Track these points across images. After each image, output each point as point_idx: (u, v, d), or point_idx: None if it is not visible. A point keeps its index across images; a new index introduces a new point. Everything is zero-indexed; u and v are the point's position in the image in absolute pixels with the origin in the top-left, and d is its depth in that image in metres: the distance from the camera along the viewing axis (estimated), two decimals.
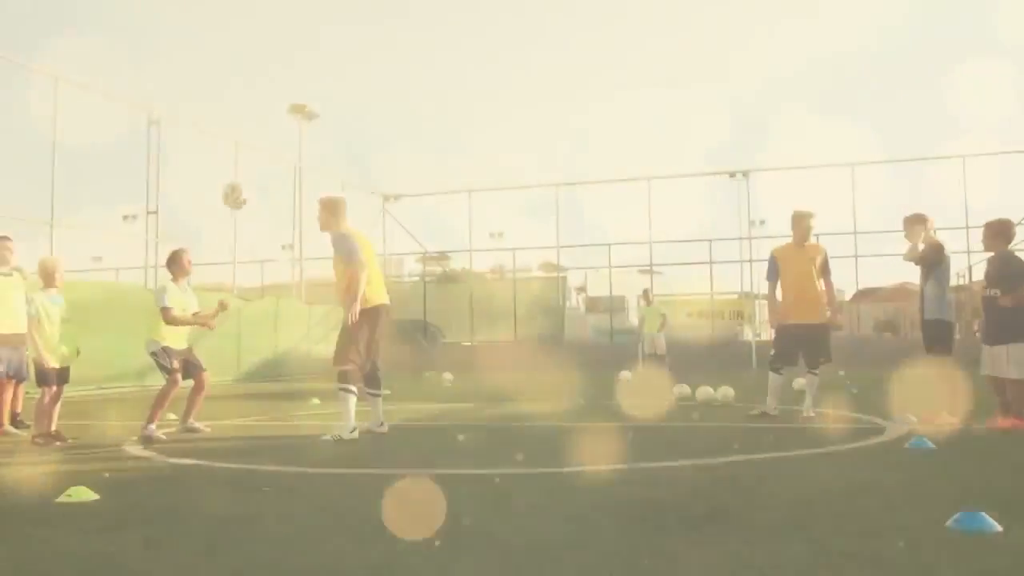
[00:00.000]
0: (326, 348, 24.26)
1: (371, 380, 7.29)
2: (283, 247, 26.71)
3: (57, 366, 7.31)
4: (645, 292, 18.61)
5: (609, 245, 27.11)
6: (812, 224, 8.31)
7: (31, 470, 5.50)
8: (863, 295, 39.35)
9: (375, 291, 7.03)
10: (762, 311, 29.46)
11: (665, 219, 28.90)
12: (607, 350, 28.18)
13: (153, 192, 18.86)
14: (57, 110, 16.15)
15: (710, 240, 27.24)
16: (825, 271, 8.29)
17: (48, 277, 7.51)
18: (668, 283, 28.68)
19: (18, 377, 8.10)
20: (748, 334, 33.72)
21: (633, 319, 37.00)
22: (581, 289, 43.07)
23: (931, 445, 5.58)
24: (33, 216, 15.86)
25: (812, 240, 8.46)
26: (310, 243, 24.86)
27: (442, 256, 37.92)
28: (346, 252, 6.93)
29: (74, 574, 2.93)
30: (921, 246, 7.75)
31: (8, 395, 7.83)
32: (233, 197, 7.43)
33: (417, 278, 37.40)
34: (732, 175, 28.46)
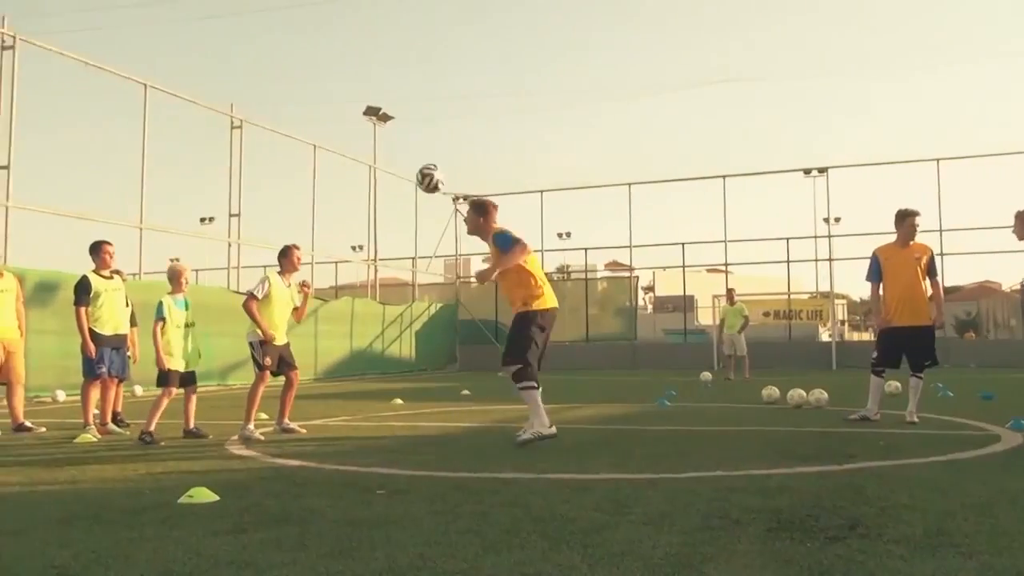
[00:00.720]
0: (399, 347, 24.69)
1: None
2: (353, 248, 27.07)
3: (181, 369, 7.55)
4: (729, 292, 18.30)
5: (683, 244, 26.74)
6: (918, 223, 8.02)
7: (142, 468, 5.61)
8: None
9: (547, 296, 6.82)
10: (841, 311, 28.74)
11: (738, 217, 28.40)
12: (681, 350, 27.86)
13: (235, 195, 19.26)
14: (147, 116, 16.61)
15: (787, 239, 26.67)
16: (931, 271, 8.01)
17: (175, 282, 7.72)
18: (738, 282, 28.16)
19: (120, 376, 8.34)
20: (825, 335, 33.04)
21: (702, 319, 36.59)
22: (648, 289, 42.70)
23: None
24: (124, 219, 16.33)
25: (916, 239, 8.14)
26: (384, 244, 25.14)
27: None
28: (505, 245, 6.67)
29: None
30: None
31: (111, 394, 8.06)
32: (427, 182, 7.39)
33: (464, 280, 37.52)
34: (808, 172, 27.84)
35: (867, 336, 47.46)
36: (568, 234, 32.85)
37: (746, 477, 4.82)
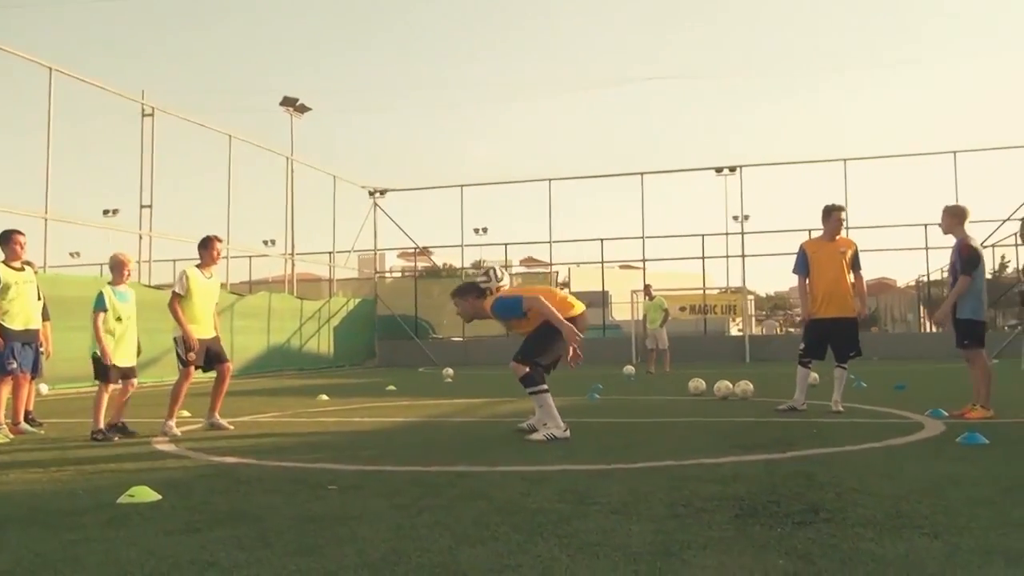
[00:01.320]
0: (317, 343, 24.26)
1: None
2: (264, 242, 26.42)
3: (120, 364, 7.22)
4: (647, 287, 18.57)
5: (601, 240, 27.05)
6: (843, 217, 8.27)
7: (70, 469, 5.32)
8: None
9: (574, 305, 6.68)
10: (750, 306, 29.52)
11: (654, 215, 28.86)
12: (599, 344, 28.15)
13: (147, 185, 18.57)
14: (52, 101, 15.84)
15: (702, 235, 27.26)
16: (855, 264, 8.26)
17: (118, 272, 7.41)
18: (653, 278, 28.61)
19: (33, 373, 7.93)
20: (735, 329, 33.91)
21: (616, 314, 37.16)
22: (563, 284, 43.20)
23: (984, 440, 5.54)
24: (27, 209, 15.55)
25: (842, 234, 8.39)
26: (299, 238, 24.65)
27: (424, 251, 37.75)
28: (515, 310, 6.57)
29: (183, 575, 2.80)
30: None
31: (23, 392, 7.63)
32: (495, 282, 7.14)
33: (399, 274, 37.29)
34: (719, 171, 28.51)
35: (777, 330, 48.97)
36: (485, 229, 32.80)
37: (698, 466, 4.87)
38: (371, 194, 28.74)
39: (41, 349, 8.18)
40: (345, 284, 29.43)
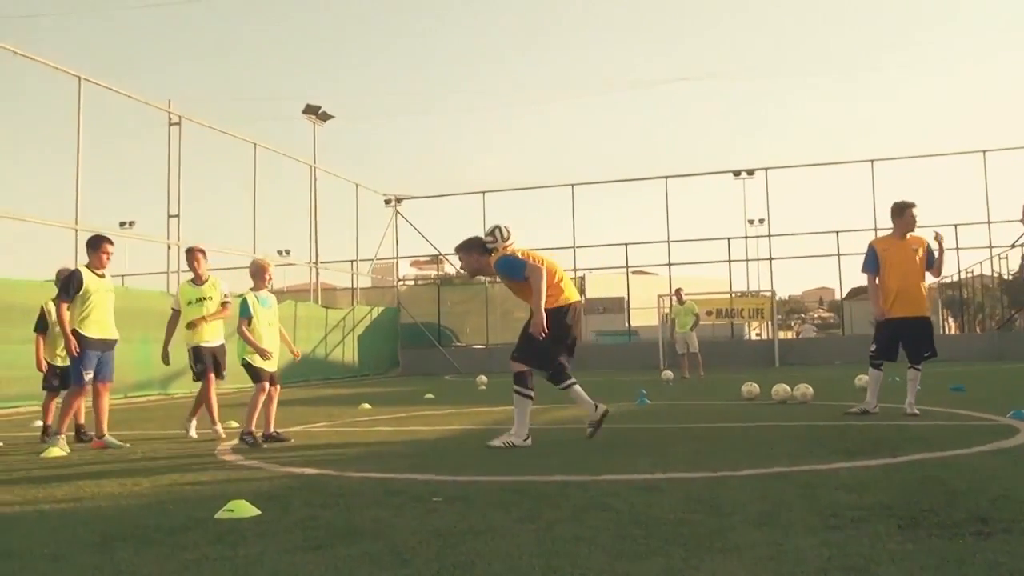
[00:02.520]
0: (342, 352, 24.06)
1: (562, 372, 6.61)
2: (279, 252, 26.23)
3: (268, 369, 7.20)
4: (677, 291, 18.30)
5: (626, 244, 26.78)
6: (916, 214, 8.02)
7: (144, 482, 5.11)
8: (853, 294, 39.28)
9: (567, 290, 6.57)
10: (777, 309, 29.23)
11: (673, 219, 28.55)
12: (621, 350, 27.91)
13: (174, 195, 18.41)
14: (81, 110, 15.70)
15: (728, 238, 27.01)
16: (929, 262, 8.01)
17: (259, 278, 7.36)
18: (674, 284, 28.34)
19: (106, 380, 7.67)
20: (752, 333, 33.60)
21: (633, 320, 36.91)
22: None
23: None
24: (57, 220, 15.40)
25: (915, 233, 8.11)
26: (324, 246, 24.49)
27: (443, 259, 37.54)
28: (515, 271, 6.47)
29: None
30: None
31: (104, 402, 7.39)
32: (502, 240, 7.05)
33: (412, 282, 37.09)
34: (737, 174, 28.26)
35: (791, 334, 48.59)
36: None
37: (812, 472, 4.62)
38: (387, 202, 28.54)
39: None
40: (366, 293, 29.23)
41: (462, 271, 6.95)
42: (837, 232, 25.58)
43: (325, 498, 4.31)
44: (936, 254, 8.02)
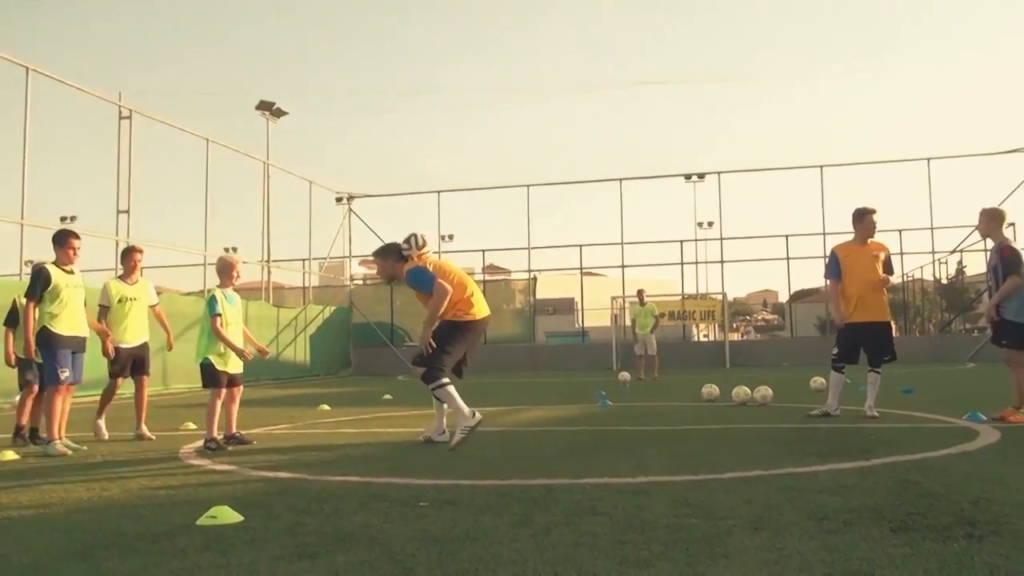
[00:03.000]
0: (293, 352, 23.74)
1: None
2: (226, 248, 25.74)
3: (229, 371, 7.03)
4: (639, 292, 18.44)
5: (580, 247, 26.89)
6: (875, 220, 8.19)
7: (114, 488, 4.96)
8: (797, 296, 40.12)
9: (478, 305, 6.69)
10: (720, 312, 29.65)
11: (625, 221, 28.75)
12: (574, 350, 28.06)
13: (124, 190, 17.97)
14: (28, 102, 15.25)
15: (680, 241, 27.33)
16: (888, 269, 8.18)
17: (227, 275, 7.21)
18: (614, 285, 28.57)
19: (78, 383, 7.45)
20: (699, 335, 34.02)
21: (584, 321, 37.22)
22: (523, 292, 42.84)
23: None
24: (2, 214, 14.94)
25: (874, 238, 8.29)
26: (275, 244, 24.16)
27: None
28: (423, 284, 6.55)
29: None
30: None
31: (66, 404, 7.16)
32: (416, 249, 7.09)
33: (360, 281, 36.78)
34: (688, 177, 28.62)
35: (736, 336, 49.34)
36: (451, 236, 32.09)
37: (792, 475, 4.68)
38: (338, 200, 28.26)
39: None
40: (318, 292, 28.88)
41: (376, 274, 7.01)
42: (787, 236, 26.05)
43: (307, 503, 4.23)
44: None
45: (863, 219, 8.16)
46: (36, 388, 7.68)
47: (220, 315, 6.96)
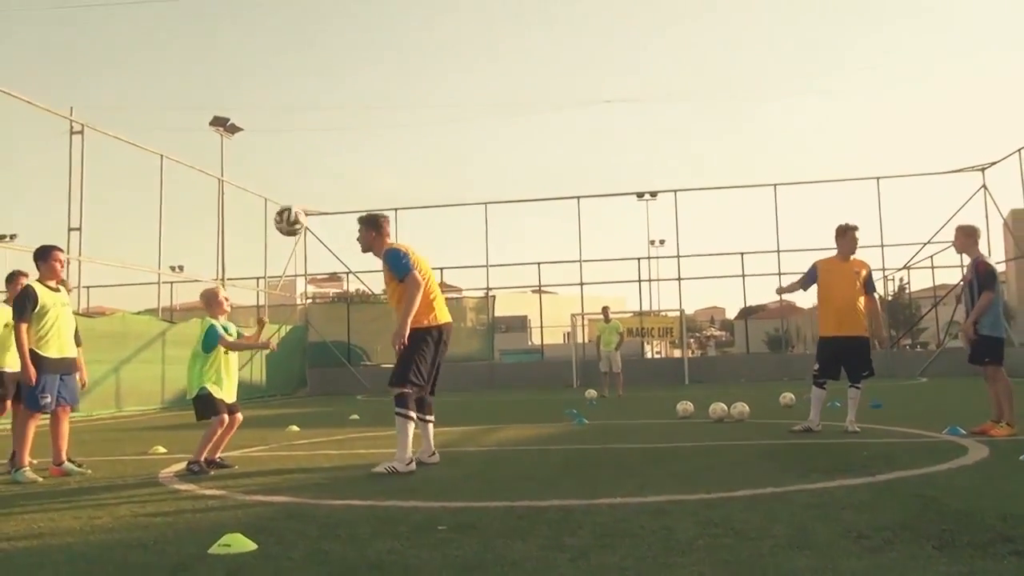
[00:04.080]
0: (249, 372, 23.24)
1: (423, 405, 6.66)
2: (172, 268, 25.23)
3: (228, 400, 6.85)
4: (604, 309, 18.45)
5: (538, 264, 26.89)
6: (858, 236, 8.30)
7: (104, 515, 4.72)
8: (745, 313, 40.73)
9: (439, 310, 6.52)
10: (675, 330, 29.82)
11: (568, 239, 28.81)
12: (533, 367, 28.00)
13: (75, 207, 17.44)
14: None
15: (637, 259, 27.54)
16: (869, 286, 8.29)
17: (218, 306, 6.98)
18: (570, 303, 28.66)
19: (73, 405, 7.09)
20: (649, 352, 34.23)
21: (534, 339, 37.16)
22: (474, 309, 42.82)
23: None
24: None
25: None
26: (233, 262, 23.72)
27: (333, 277, 36.87)
28: (397, 268, 6.35)
29: None
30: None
31: (64, 427, 6.85)
32: (287, 224, 6.90)
33: (310, 300, 36.31)
34: (641, 196, 28.88)
35: (689, 353, 49.82)
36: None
37: (805, 492, 4.66)
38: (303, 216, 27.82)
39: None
40: (273, 310, 28.27)
41: (357, 239, 6.77)
42: (742, 253, 26.39)
43: (319, 529, 4.07)
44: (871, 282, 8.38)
45: (846, 235, 8.27)
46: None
47: (216, 348, 6.75)
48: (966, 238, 7.84)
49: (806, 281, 8.43)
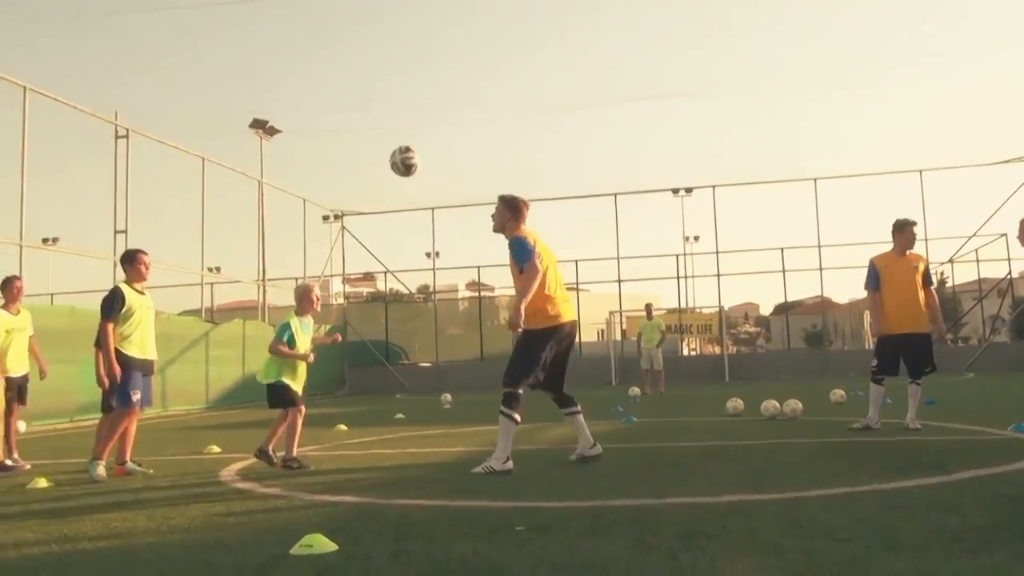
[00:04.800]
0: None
1: (563, 400, 6.56)
2: (210, 269, 25.46)
3: (299, 391, 7.02)
4: (647, 307, 18.36)
5: (576, 262, 26.77)
6: (915, 232, 8.16)
7: (173, 515, 4.75)
8: (780, 309, 40.29)
9: (561, 306, 6.34)
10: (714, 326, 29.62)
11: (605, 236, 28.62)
12: (576, 365, 27.88)
13: (121, 209, 17.68)
14: (26, 121, 14.97)
15: (676, 255, 27.37)
16: (927, 280, 8.15)
17: (307, 302, 7.09)
18: (601, 300, 28.47)
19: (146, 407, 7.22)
20: (684, 349, 33.94)
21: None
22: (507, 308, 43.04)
23: None
24: (1, 236, 14.62)
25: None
26: (272, 263, 23.91)
27: (367, 277, 36.90)
28: (520, 256, 6.20)
29: None
30: None
31: (133, 427, 6.95)
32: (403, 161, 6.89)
33: (347, 299, 36.54)
34: (676, 192, 28.70)
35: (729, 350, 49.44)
36: (437, 253, 31.62)
37: (882, 492, 4.57)
38: (325, 219, 27.93)
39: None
40: (284, 312, 28.26)
41: (492, 215, 6.64)
42: (782, 249, 26.13)
43: (396, 529, 4.06)
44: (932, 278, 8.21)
45: (903, 231, 8.14)
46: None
47: (286, 344, 6.88)
48: None
49: (871, 282, 8.22)
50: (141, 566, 3.53)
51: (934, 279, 8.30)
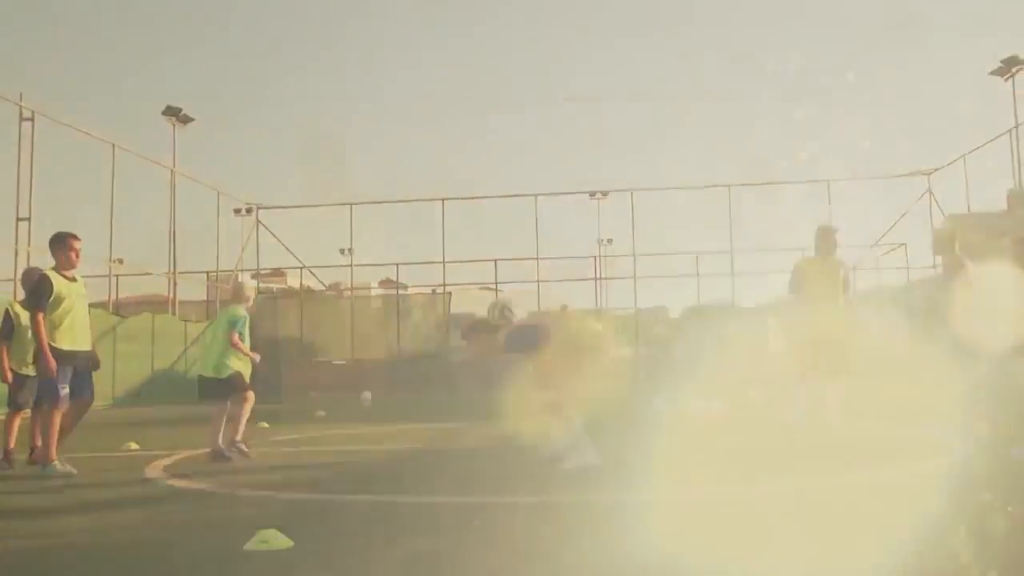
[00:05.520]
0: (201, 368, 22.71)
1: None
2: (115, 261, 24.61)
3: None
4: (563, 307, 18.50)
5: (495, 260, 26.83)
6: (838, 239, 8.45)
7: (115, 513, 4.58)
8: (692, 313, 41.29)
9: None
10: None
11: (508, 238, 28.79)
12: (496, 365, 27.93)
13: (24, 196, 16.87)
14: None
15: (594, 257, 27.74)
16: (846, 285, 8.45)
17: (242, 296, 7.44)
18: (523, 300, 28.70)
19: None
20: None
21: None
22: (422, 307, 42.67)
23: None
24: None
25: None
26: (181, 254, 23.21)
27: (276, 272, 36.18)
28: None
29: None
30: None
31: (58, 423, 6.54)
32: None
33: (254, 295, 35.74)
34: (592, 195, 29.06)
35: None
36: (350, 250, 30.80)
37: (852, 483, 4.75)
38: (237, 212, 27.21)
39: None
40: (192, 306, 27.35)
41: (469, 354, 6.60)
42: (696, 254, 26.78)
43: (350, 525, 4.04)
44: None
45: (825, 236, 8.41)
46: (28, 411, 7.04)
47: (241, 333, 7.21)
48: None
49: (794, 285, 8.45)
50: (90, 568, 3.39)
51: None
